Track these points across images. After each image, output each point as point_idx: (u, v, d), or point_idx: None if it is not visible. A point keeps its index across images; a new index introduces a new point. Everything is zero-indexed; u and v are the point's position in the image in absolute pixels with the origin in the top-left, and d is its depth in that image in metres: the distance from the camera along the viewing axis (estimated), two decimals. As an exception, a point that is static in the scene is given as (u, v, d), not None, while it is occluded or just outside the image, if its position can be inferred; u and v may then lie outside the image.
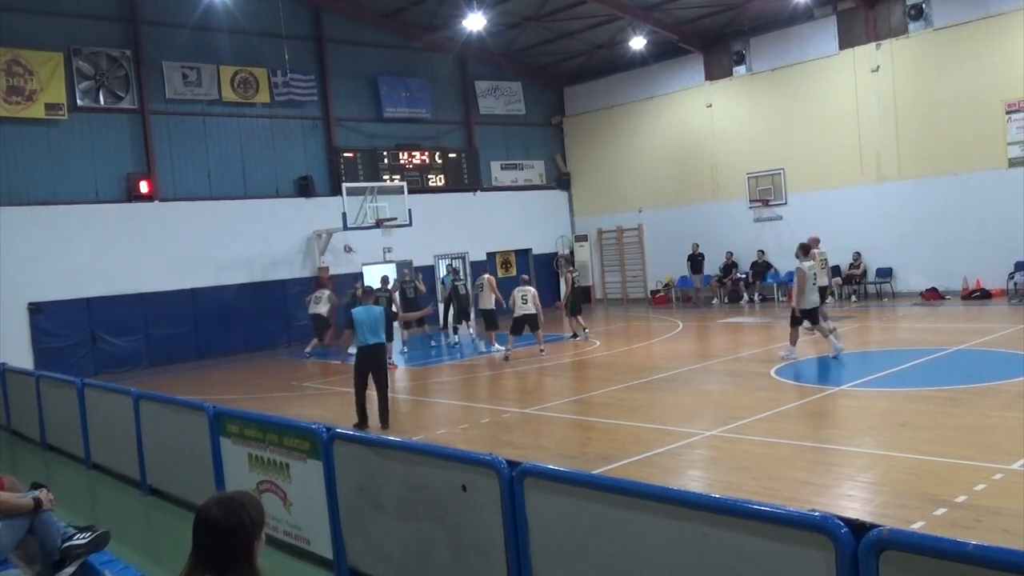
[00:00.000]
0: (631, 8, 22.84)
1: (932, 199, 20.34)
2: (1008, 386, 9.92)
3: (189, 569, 2.69)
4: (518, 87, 27.93)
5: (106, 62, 20.09)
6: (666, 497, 3.75)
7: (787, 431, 8.99)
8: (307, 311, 19.96)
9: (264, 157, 22.49)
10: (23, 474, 6.93)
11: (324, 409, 12.69)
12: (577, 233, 28.94)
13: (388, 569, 5.38)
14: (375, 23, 24.60)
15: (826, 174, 22.30)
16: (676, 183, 25.80)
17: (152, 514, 8.10)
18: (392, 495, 5.24)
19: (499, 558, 4.41)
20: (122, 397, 8.98)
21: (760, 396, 10.74)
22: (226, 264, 21.34)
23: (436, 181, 25.61)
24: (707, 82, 24.93)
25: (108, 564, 5.32)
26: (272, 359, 19.99)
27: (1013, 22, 18.91)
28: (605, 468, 7.80)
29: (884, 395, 10.34)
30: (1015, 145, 19.12)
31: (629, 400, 11.49)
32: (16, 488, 5.33)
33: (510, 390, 13.29)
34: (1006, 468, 6.87)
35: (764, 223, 23.89)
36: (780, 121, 23.30)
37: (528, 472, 4.29)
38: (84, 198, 19.57)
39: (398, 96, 24.97)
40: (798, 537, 3.11)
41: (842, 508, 6.07)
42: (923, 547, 2.76)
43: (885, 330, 15.88)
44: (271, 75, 22.47)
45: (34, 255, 18.59)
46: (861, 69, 21.50)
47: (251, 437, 6.69)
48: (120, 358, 19.64)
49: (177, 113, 21.11)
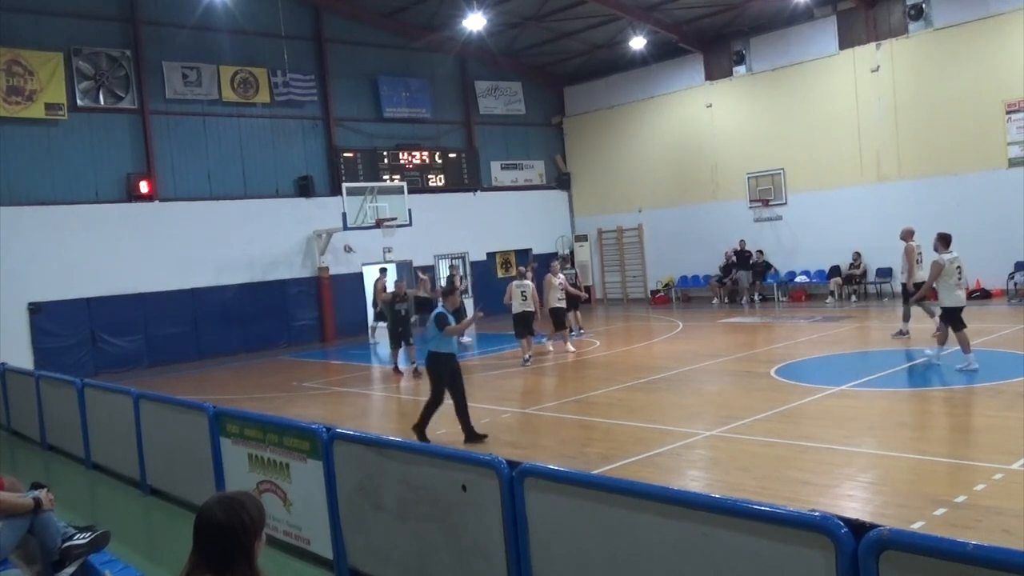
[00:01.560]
0: (631, 8, 22.84)
1: (932, 199, 20.32)
2: (1008, 386, 9.91)
3: (189, 568, 2.70)
4: (518, 87, 27.93)
5: (106, 62, 20.09)
6: (666, 497, 3.75)
7: (787, 431, 8.99)
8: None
9: (264, 157, 22.49)
10: (23, 474, 6.93)
11: (324, 409, 12.70)
12: (577, 233, 28.94)
13: (388, 569, 5.38)
14: (375, 23, 24.60)
15: (826, 174, 22.30)
16: (676, 183, 25.81)
17: (152, 514, 8.09)
18: (392, 495, 5.24)
19: (499, 558, 4.41)
20: (122, 397, 8.98)
21: (760, 396, 10.74)
22: (226, 264, 21.34)
23: (436, 181, 25.62)
24: (707, 82, 24.93)
25: (108, 564, 5.33)
26: (272, 359, 19.99)
27: (1013, 22, 18.91)
28: (605, 468, 7.80)
29: (884, 395, 10.33)
30: (1015, 145, 19.12)
31: (629, 400, 11.49)
32: (16, 488, 5.33)
33: (510, 390, 13.28)
34: (1006, 468, 6.87)
35: (764, 223, 23.89)
36: (780, 121, 23.30)
37: (528, 472, 4.29)
38: (84, 198, 19.57)
39: (398, 96, 24.97)
40: (798, 537, 3.11)
41: (842, 508, 6.07)
42: (923, 547, 2.76)
43: (885, 330, 15.86)
44: (271, 75, 22.47)
45: (34, 255, 18.60)
46: (861, 69, 21.50)
47: (251, 437, 6.69)
48: (120, 358, 19.64)
49: (177, 113, 21.11)
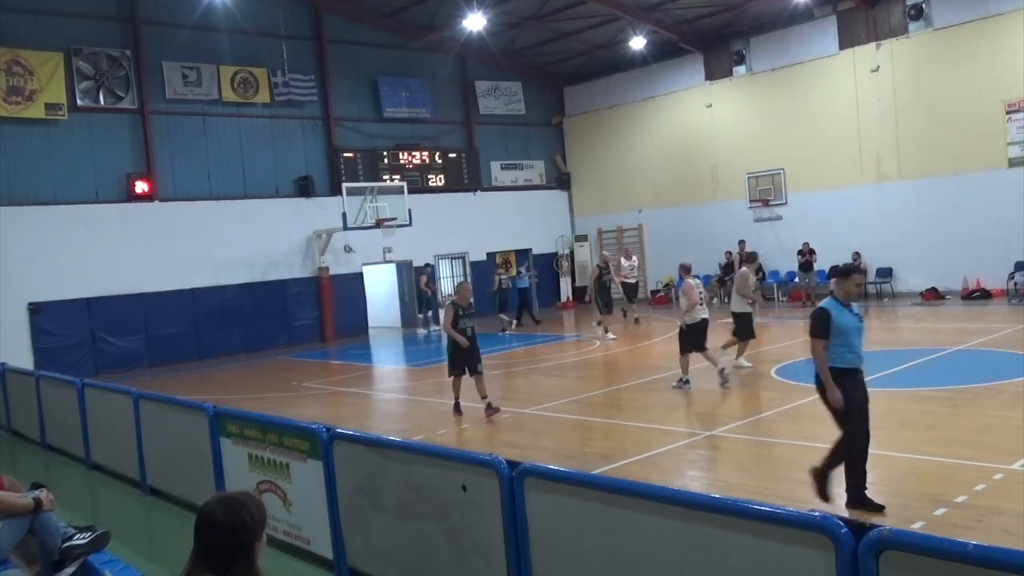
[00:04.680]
0: (631, 8, 22.84)
1: (932, 199, 20.34)
2: (1008, 386, 9.92)
3: (190, 568, 2.70)
4: (518, 87, 27.93)
5: (106, 62, 20.09)
6: (666, 497, 3.75)
7: (787, 431, 8.99)
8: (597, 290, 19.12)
9: (264, 157, 22.49)
10: (23, 474, 6.93)
11: (324, 409, 12.69)
12: (577, 233, 28.94)
13: (388, 569, 5.38)
14: (375, 23, 24.60)
15: (826, 174, 22.30)
16: (676, 183, 25.81)
17: (152, 514, 8.09)
18: (392, 495, 5.24)
19: (499, 558, 4.41)
20: (122, 397, 8.97)
21: (760, 396, 10.75)
22: (226, 264, 21.33)
23: (436, 181, 25.61)
24: (707, 82, 24.93)
25: (108, 564, 5.33)
26: (272, 359, 19.99)
27: (1013, 22, 18.91)
28: (605, 468, 7.79)
29: (884, 395, 10.31)
30: (1015, 145, 19.12)
31: (629, 400, 11.49)
32: (16, 488, 5.33)
33: (510, 390, 13.28)
34: (1006, 468, 6.87)
35: (764, 223, 23.89)
36: (780, 121, 23.30)
37: (528, 472, 4.29)
38: (84, 198, 19.57)
39: (398, 96, 24.97)
40: (798, 537, 3.11)
41: (842, 508, 6.07)
42: (923, 547, 2.77)
43: (885, 330, 15.88)
44: (271, 75, 22.47)
45: (34, 255, 18.59)
46: (861, 69, 21.50)
47: (251, 437, 6.68)
48: (120, 358, 19.64)
49: (177, 113, 21.11)
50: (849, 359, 6.10)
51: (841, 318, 6.10)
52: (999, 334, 14.01)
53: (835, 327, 6.06)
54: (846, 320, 6.12)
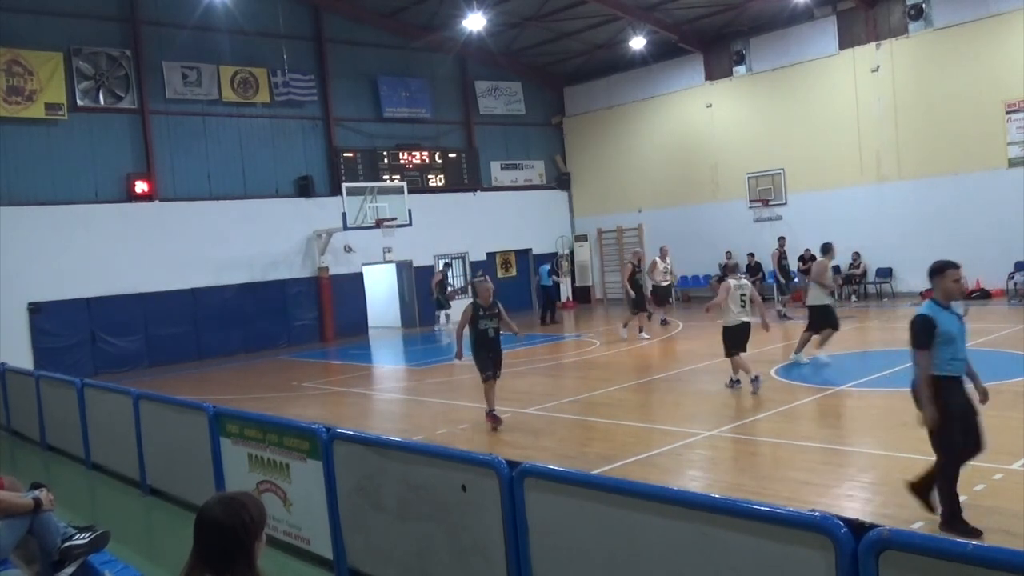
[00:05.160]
0: (631, 8, 22.84)
1: (932, 199, 20.34)
2: (1008, 386, 9.90)
3: (189, 568, 2.70)
4: (518, 87, 27.93)
5: (106, 62, 20.09)
6: (666, 497, 3.75)
7: (787, 431, 8.99)
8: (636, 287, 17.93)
9: (264, 157, 22.49)
10: (23, 474, 6.93)
11: (324, 409, 12.69)
12: (577, 233, 28.94)
13: (388, 569, 5.38)
14: (375, 23, 24.60)
15: (826, 174, 22.30)
16: (676, 183, 25.81)
17: (152, 514, 8.09)
18: (392, 495, 5.24)
19: (499, 558, 4.41)
20: (122, 397, 8.97)
21: (760, 396, 10.74)
22: (226, 264, 21.33)
23: (436, 181, 25.61)
24: (707, 82, 24.93)
25: (108, 564, 5.33)
26: (272, 359, 19.99)
27: (1013, 22, 18.91)
28: (605, 468, 7.79)
29: (884, 395, 10.33)
30: (1015, 145, 19.12)
31: (629, 400, 11.49)
32: (16, 488, 5.33)
33: (511, 390, 13.27)
34: (1006, 468, 6.88)
35: (764, 223, 23.89)
36: (780, 121, 23.30)
37: (528, 472, 4.29)
38: (84, 198, 19.57)
39: (398, 96, 24.97)
40: (798, 537, 3.11)
41: (842, 508, 6.07)
42: (923, 547, 2.77)
43: (885, 330, 15.88)
44: (271, 75, 22.47)
45: (34, 255, 18.59)
46: (861, 69, 21.50)
47: (251, 437, 6.68)
48: (120, 358, 19.64)
49: (177, 113, 21.11)
50: (954, 367, 5.50)
51: (946, 323, 5.47)
52: (999, 334, 14.00)
53: (939, 334, 5.44)
54: (951, 325, 5.50)
